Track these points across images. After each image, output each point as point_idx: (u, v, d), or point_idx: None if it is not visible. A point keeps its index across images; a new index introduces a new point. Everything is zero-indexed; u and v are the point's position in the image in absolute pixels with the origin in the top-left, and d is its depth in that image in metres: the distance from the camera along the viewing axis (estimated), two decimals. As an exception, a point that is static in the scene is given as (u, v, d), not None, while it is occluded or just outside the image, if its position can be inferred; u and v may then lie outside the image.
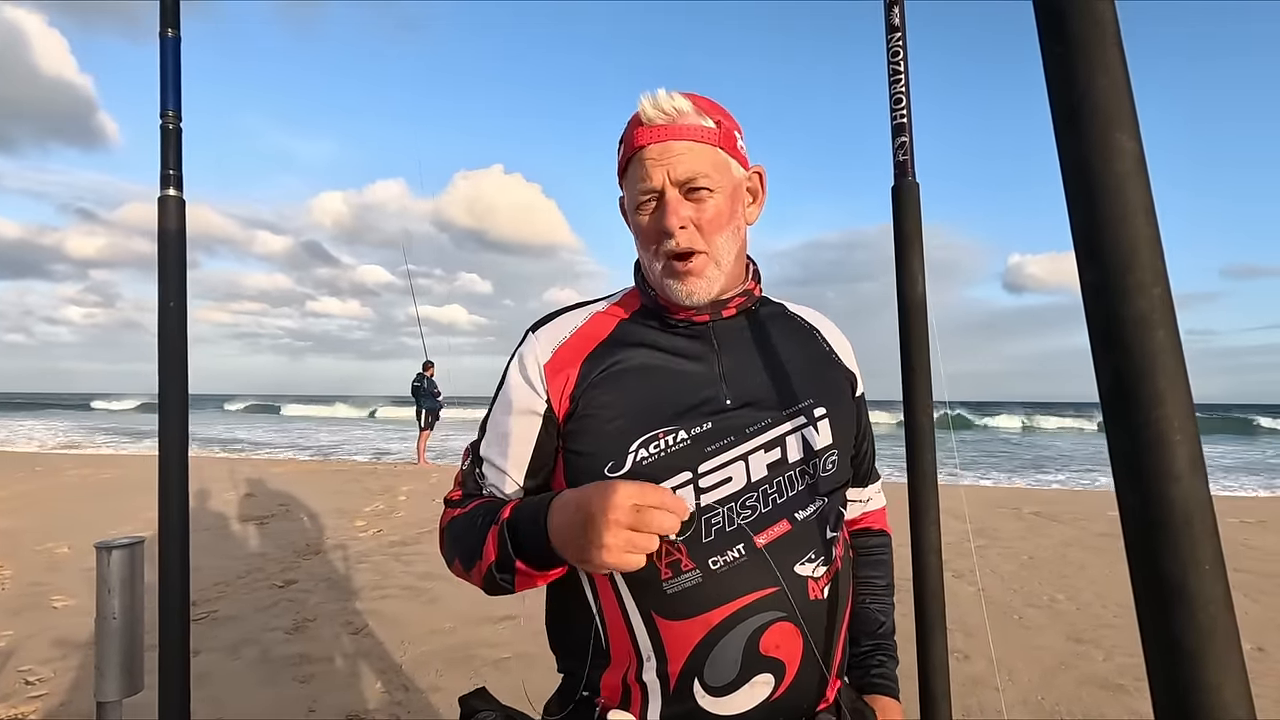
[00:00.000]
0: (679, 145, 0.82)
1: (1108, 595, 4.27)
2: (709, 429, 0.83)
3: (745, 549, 0.80)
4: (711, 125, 0.84)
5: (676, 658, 0.80)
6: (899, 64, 0.98)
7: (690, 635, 0.79)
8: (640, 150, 0.83)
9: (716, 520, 0.81)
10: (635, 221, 0.87)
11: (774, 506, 0.83)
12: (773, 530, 0.82)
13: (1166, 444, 0.26)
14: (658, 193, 0.83)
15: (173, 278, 0.88)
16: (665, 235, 0.83)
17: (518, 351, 0.92)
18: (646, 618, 0.80)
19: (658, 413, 0.83)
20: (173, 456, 0.91)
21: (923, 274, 1.01)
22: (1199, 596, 0.25)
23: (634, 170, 0.84)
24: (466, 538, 0.84)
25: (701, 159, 0.83)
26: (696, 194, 0.83)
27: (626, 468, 0.81)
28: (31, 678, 2.87)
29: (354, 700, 2.73)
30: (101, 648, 1.30)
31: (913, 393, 1.01)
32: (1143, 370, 0.27)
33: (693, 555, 0.80)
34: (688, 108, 0.83)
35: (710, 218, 0.84)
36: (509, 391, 0.90)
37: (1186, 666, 0.25)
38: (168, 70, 0.86)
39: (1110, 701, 2.82)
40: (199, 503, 6.64)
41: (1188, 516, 0.26)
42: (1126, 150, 0.29)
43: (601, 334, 0.90)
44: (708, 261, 0.85)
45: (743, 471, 0.83)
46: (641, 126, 0.83)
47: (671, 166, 0.82)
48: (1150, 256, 0.28)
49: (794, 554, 0.82)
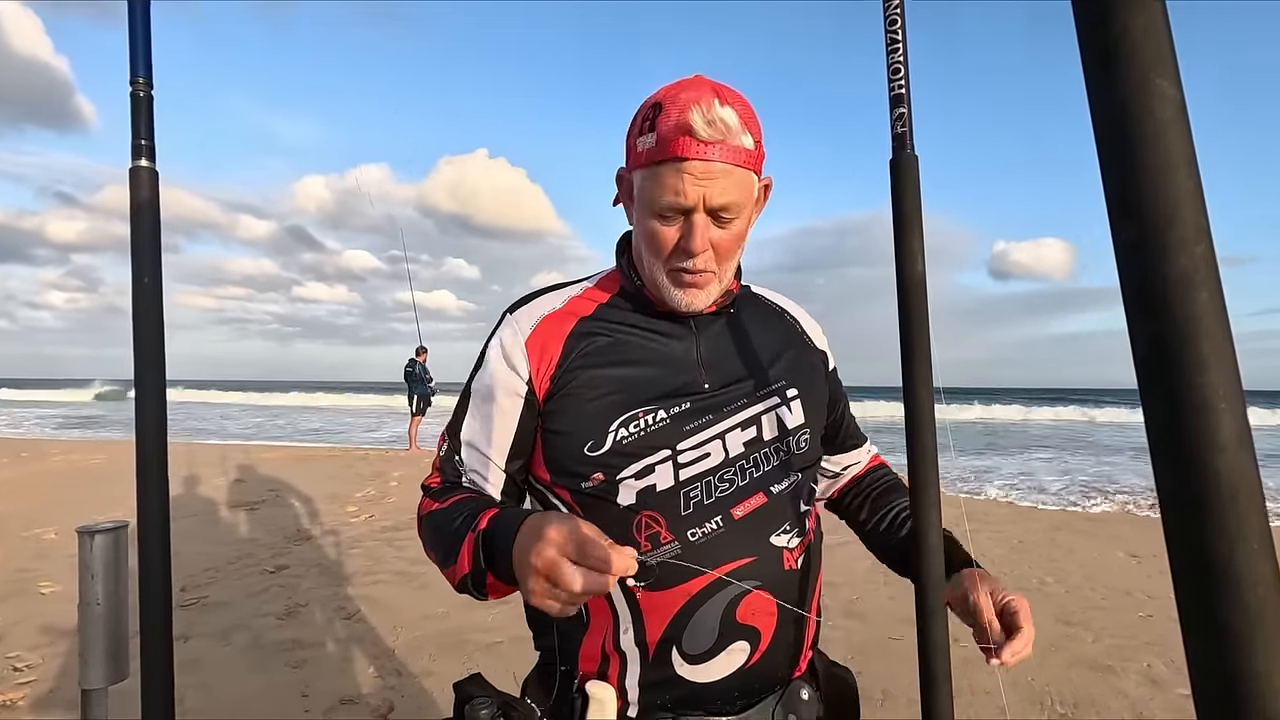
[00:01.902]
0: (720, 168, 0.78)
1: (1096, 578, 4.31)
2: (687, 409, 0.85)
3: (723, 520, 0.83)
4: (751, 146, 0.81)
5: (655, 626, 0.82)
6: (897, 32, 0.95)
7: (669, 604, 0.81)
8: (681, 162, 0.78)
9: (695, 494, 0.83)
10: (647, 224, 0.84)
11: (750, 480, 0.86)
12: (749, 503, 0.85)
13: (1211, 413, 0.24)
14: (688, 210, 0.80)
15: (146, 253, 0.85)
16: (686, 255, 0.82)
17: (496, 333, 0.91)
18: (624, 586, 0.82)
19: (638, 393, 0.85)
20: (150, 437, 0.88)
21: (922, 252, 0.99)
22: (1246, 577, 0.23)
23: (666, 176, 0.79)
24: (443, 538, 0.83)
25: (738, 187, 0.80)
26: (723, 220, 0.82)
27: (606, 446, 0.83)
28: (19, 664, 2.84)
29: (347, 685, 2.72)
30: (85, 634, 1.27)
31: (912, 372, 0.99)
32: (1185, 334, 0.25)
33: (672, 528, 0.82)
34: (735, 123, 0.79)
35: (729, 243, 0.84)
36: (489, 374, 0.89)
37: (1232, 652, 0.23)
38: (137, 35, 0.82)
39: (1099, 683, 2.85)
40: (188, 488, 6.60)
41: (1234, 491, 0.24)
42: (1168, 96, 0.26)
43: (582, 314, 0.90)
44: (713, 279, 0.86)
45: (720, 448, 0.85)
46: (687, 137, 0.77)
47: (710, 190, 0.79)
48: (1193, 212, 0.26)
49: (770, 526, 0.86)
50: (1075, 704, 2.66)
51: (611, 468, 0.83)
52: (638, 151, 0.82)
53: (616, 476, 0.83)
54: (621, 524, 0.82)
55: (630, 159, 0.85)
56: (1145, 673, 2.93)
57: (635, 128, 0.83)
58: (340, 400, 33.02)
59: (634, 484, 0.83)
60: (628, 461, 0.83)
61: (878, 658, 3.02)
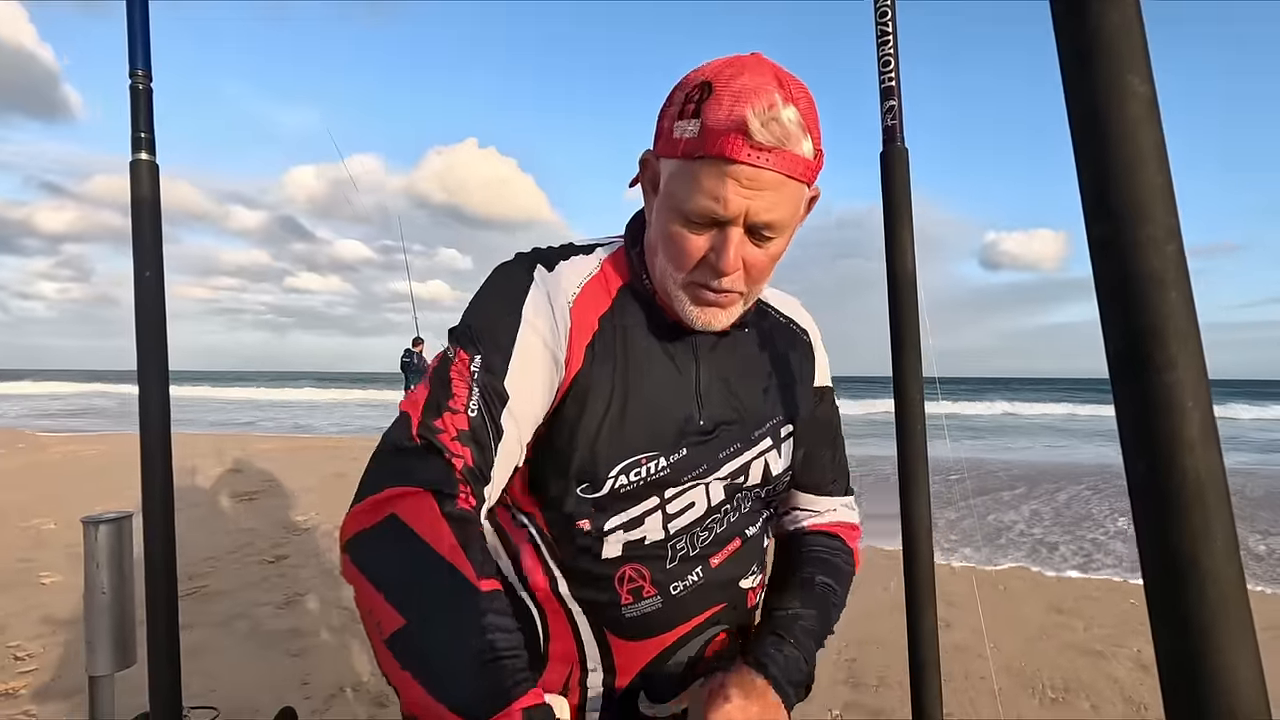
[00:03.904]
0: (773, 178, 0.65)
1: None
2: (685, 456, 0.76)
3: (702, 571, 0.79)
4: (811, 155, 0.67)
5: (626, 673, 0.79)
6: (887, 25, 0.96)
7: (644, 654, 0.79)
8: (728, 165, 0.64)
9: (681, 546, 0.78)
10: (671, 227, 0.70)
11: (728, 527, 0.81)
12: (727, 549, 0.81)
13: (1179, 411, 0.25)
14: (724, 221, 0.67)
15: (148, 246, 0.85)
16: (714, 273, 0.70)
17: (532, 278, 0.75)
18: (599, 633, 0.78)
19: (643, 432, 0.74)
20: (154, 429, 0.89)
21: (912, 243, 1.00)
22: (1211, 571, 0.24)
23: (706, 177, 0.66)
24: (447, 669, 0.56)
25: (788, 201, 0.68)
26: (763, 238, 0.69)
27: (603, 491, 0.73)
28: (21, 653, 2.86)
29: (346, 673, 2.75)
30: (91, 622, 1.29)
31: (902, 365, 1.00)
32: (1155, 332, 0.26)
33: (655, 580, 0.77)
34: (794, 128, 0.65)
35: (764, 264, 0.72)
36: (531, 310, 0.72)
37: (1197, 645, 0.24)
38: (136, 27, 0.82)
39: (1089, 668, 2.89)
40: (188, 479, 6.60)
41: (1200, 488, 0.25)
42: (1139, 94, 0.27)
43: (604, 304, 0.77)
44: (738, 299, 0.74)
45: (704, 496, 0.78)
46: (740, 137, 0.63)
47: (756, 203, 0.66)
48: (1164, 211, 0.26)
49: (741, 569, 0.82)
50: (1066, 688, 2.70)
51: (602, 513, 0.74)
52: (673, 138, 0.68)
53: (605, 528, 0.74)
54: (603, 574, 0.76)
55: (661, 143, 0.71)
56: (1135, 658, 2.97)
57: (674, 107, 0.69)
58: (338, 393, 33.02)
59: (622, 536, 0.75)
60: (619, 508, 0.75)
61: (872, 645, 3.06)
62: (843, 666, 2.85)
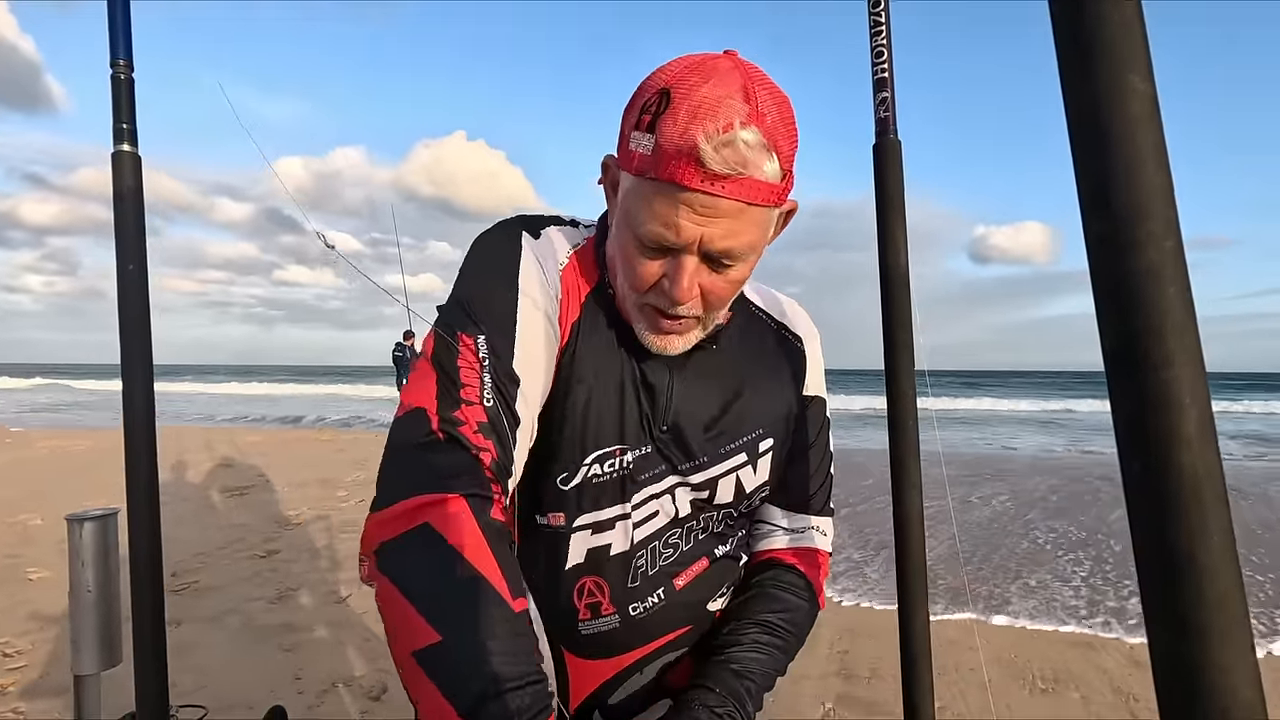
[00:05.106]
0: (730, 205, 0.60)
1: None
2: (649, 453, 0.73)
3: (665, 592, 0.76)
4: (776, 178, 0.61)
5: (580, 691, 0.77)
6: (880, 14, 0.95)
7: (599, 673, 0.77)
8: (680, 192, 0.60)
9: (641, 562, 0.74)
10: (626, 247, 0.67)
11: (695, 544, 0.78)
12: (692, 570, 0.78)
13: (1176, 408, 0.25)
14: (678, 249, 0.63)
15: (131, 239, 0.84)
16: (667, 301, 0.66)
17: (521, 245, 0.71)
18: (554, 649, 0.75)
19: (615, 421, 0.72)
20: (138, 424, 0.88)
21: (904, 236, 0.99)
22: (1208, 570, 0.24)
23: (658, 203, 0.61)
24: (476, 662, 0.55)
25: (750, 227, 0.63)
26: (721, 265, 0.65)
27: (578, 480, 0.71)
28: (9, 650, 2.84)
29: (340, 668, 2.74)
30: (77, 621, 1.27)
31: (895, 358, 1.00)
32: (1152, 329, 0.25)
33: (614, 599, 0.74)
34: (754, 152, 0.59)
35: (724, 291, 0.67)
36: (525, 280, 0.68)
37: (1192, 644, 0.24)
38: (117, 15, 0.81)
39: (1080, 660, 2.92)
40: (177, 474, 6.56)
41: (1197, 485, 0.24)
42: (1139, 92, 0.27)
43: (587, 285, 0.74)
44: (694, 325, 0.70)
45: (670, 504, 0.75)
46: (691, 164, 0.58)
47: (711, 230, 0.61)
48: (1163, 208, 0.26)
49: (708, 592, 0.79)
50: (1056, 679, 2.72)
51: (573, 507, 0.72)
52: (629, 150, 0.63)
53: (573, 523, 0.72)
54: (562, 582, 0.73)
55: (621, 152, 0.65)
56: (1127, 652, 3.00)
57: (633, 114, 0.63)
58: (327, 386, 32.88)
59: (587, 538, 0.73)
60: (589, 506, 0.72)
61: (865, 637, 3.07)
62: (835, 659, 2.87)
